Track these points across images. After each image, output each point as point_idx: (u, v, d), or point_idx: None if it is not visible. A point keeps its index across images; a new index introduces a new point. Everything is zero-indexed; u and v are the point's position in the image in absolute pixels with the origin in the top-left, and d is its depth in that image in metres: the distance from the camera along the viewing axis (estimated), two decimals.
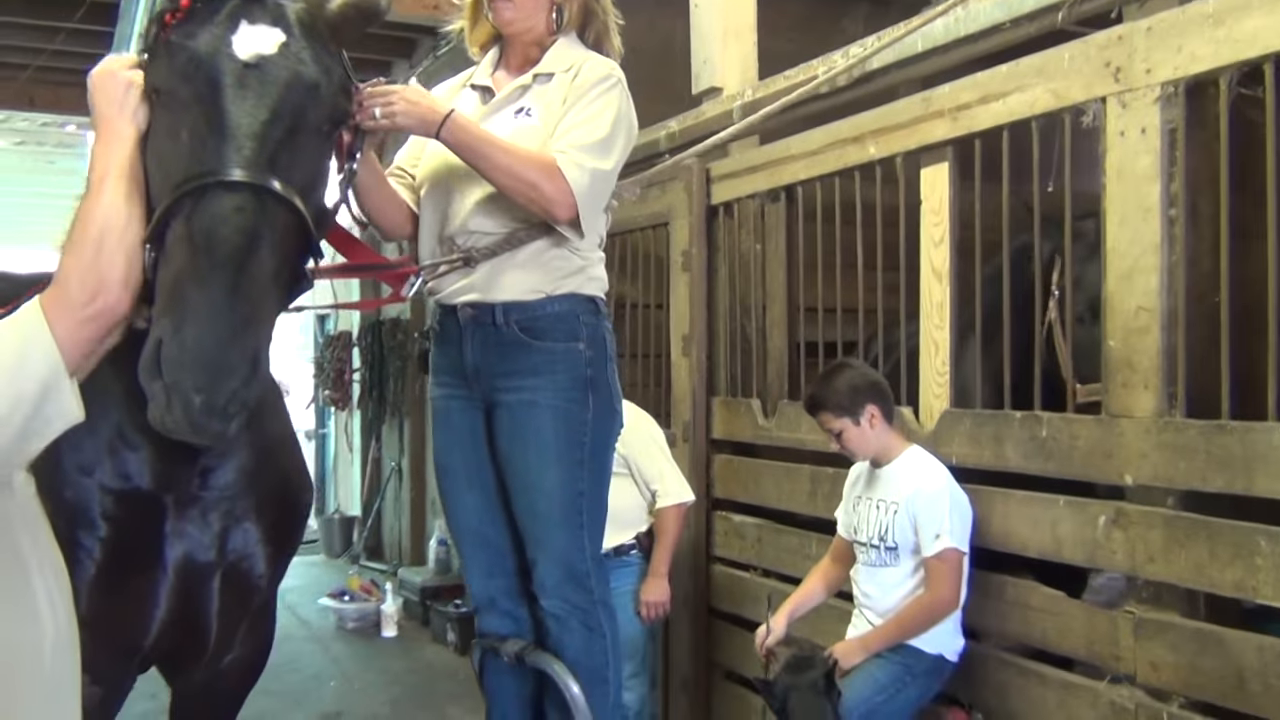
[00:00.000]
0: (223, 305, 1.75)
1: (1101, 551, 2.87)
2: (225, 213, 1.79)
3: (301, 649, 7.07)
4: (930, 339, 3.49)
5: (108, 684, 2.34)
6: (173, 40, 1.92)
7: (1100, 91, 2.85)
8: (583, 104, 2.46)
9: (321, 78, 1.99)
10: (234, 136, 1.85)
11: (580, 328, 2.52)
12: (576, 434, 2.49)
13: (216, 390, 1.74)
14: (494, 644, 2.59)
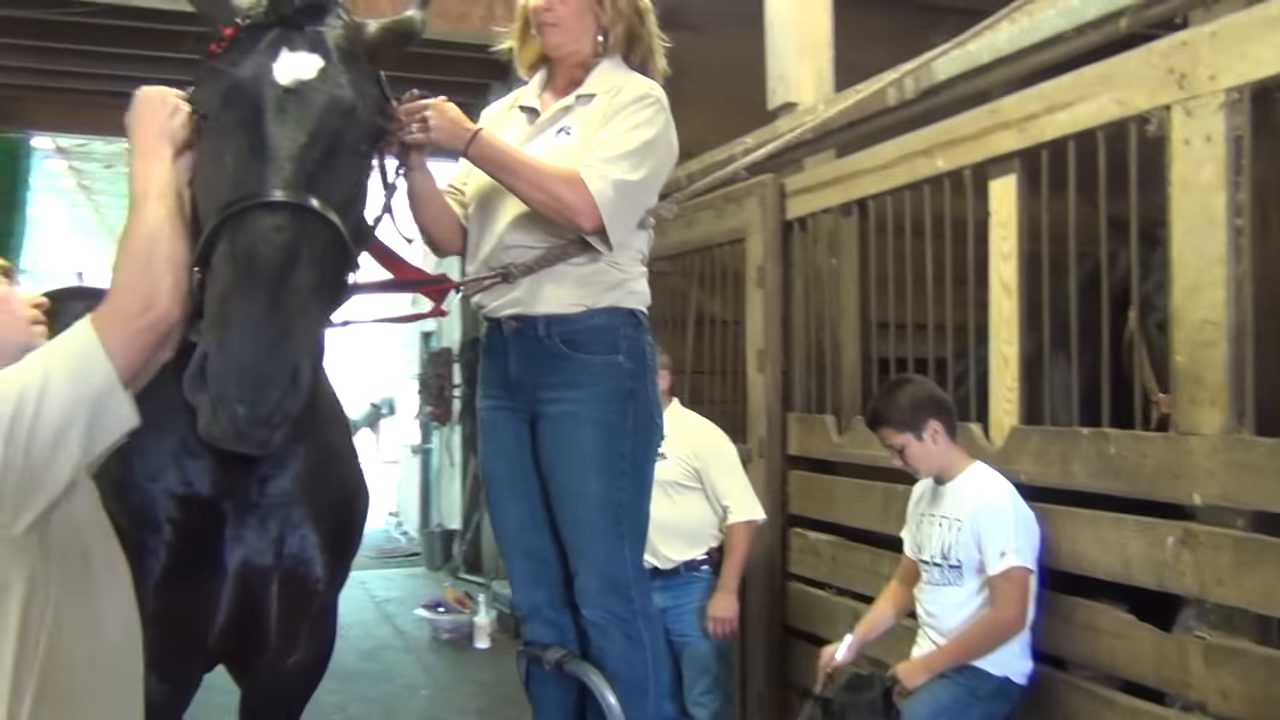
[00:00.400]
0: (263, 320, 1.82)
1: (1170, 573, 2.77)
2: (265, 232, 1.88)
3: (397, 658, 7.24)
4: (999, 354, 3.43)
5: (174, 681, 2.45)
6: (217, 68, 2.02)
7: (1164, 99, 2.78)
8: (617, 120, 2.49)
9: (358, 100, 2.08)
10: (274, 159, 1.94)
11: (620, 340, 2.54)
12: (616, 445, 2.51)
13: (259, 401, 1.82)
14: (536, 652, 2.63)
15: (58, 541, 1.83)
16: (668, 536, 4.07)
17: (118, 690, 1.97)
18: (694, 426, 4.25)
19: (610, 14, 2.58)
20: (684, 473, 4.11)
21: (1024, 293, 3.34)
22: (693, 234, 5.22)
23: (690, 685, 4.10)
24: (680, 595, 4.10)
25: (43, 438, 1.72)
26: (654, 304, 5.52)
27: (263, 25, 2.03)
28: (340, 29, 2.11)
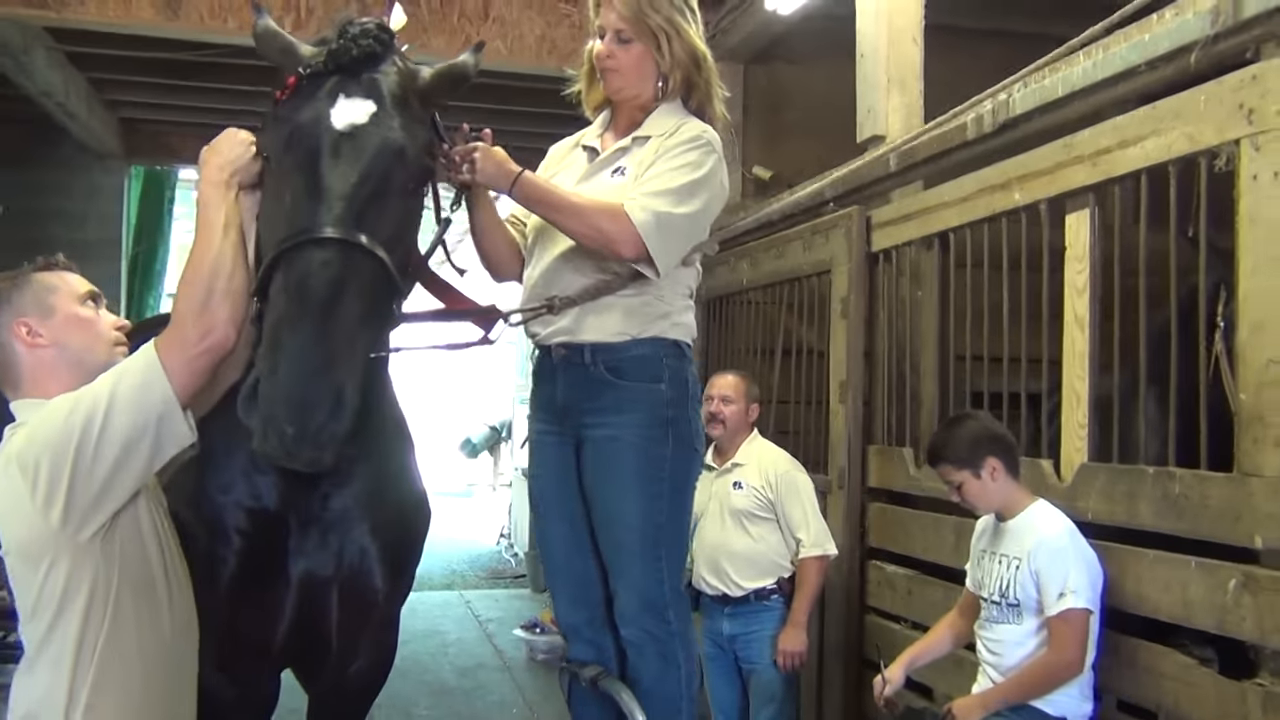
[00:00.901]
0: (310, 347, 1.98)
1: (1231, 617, 2.70)
2: (314, 266, 2.04)
3: (492, 676, 7.41)
4: (1071, 390, 3.38)
5: (242, 683, 2.64)
6: (280, 114, 2.20)
7: (1233, 134, 2.73)
8: (666, 159, 2.58)
9: (408, 142, 2.23)
10: (327, 198, 2.10)
11: (663, 370, 2.62)
12: (656, 469, 2.59)
13: (305, 423, 1.96)
14: (576, 669, 2.72)
15: (121, 548, 2.01)
16: (740, 565, 4.19)
17: (173, 682, 2.13)
18: (771, 458, 4.32)
19: (669, 61, 2.67)
20: (758, 503, 4.20)
21: (1096, 327, 3.29)
22: (782, 265, 5.27)
23: (756, 712, 4.17)
24: (751, 623, 4.18)
25: (107, 451, 1.90)
26: (746, 334, 5.64)
27: (323, 73, 2.21)
28: (394, 75, 2.27)
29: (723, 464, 4.36)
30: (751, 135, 6.90)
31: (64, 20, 6.01)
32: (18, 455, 1.91)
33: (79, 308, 2.14)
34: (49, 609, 1.93)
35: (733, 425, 4.36)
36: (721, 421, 4.35)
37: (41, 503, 1.88)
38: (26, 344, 2.06)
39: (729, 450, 4.38)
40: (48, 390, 2.01)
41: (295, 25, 6.15)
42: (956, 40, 5.47)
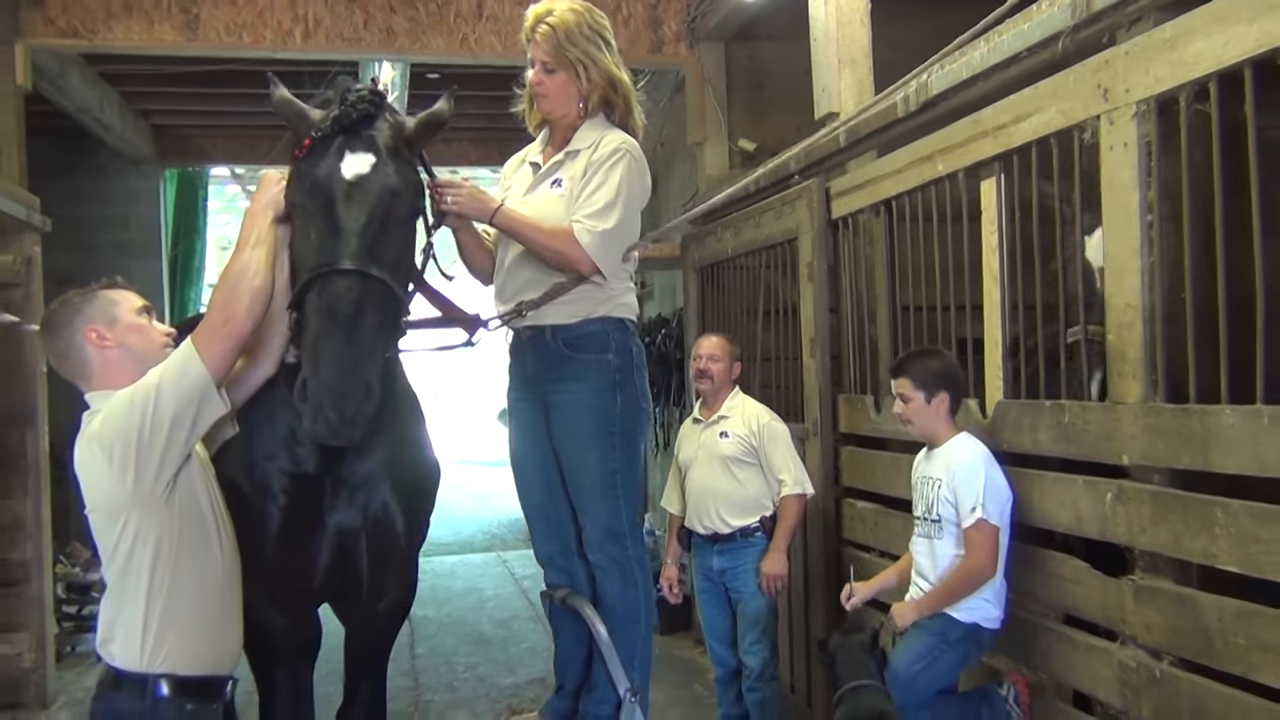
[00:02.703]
0: (343, 353, 2.57)
1: (1109, 525, 3.17)
2: (340, 291, 2.62)
3: (525, 626, 8.01)
4: (990, 337, 3.83)
5: (291, 615, 3.24)
6: (301, 168, 2.75)
7: (1095, 110, 3.16)
8: (595, 177, 3.11)
9: (402, 185, 2.80)
10: (344, 235, 2.68)
11: (610, 343, 3.15)
12: (608, 425, 3.11)
13: (343, 408, 2.55)
14: (551, 593, 3.27)
15: (180, 504, 2.55)
16: (727, 505, 4.73)
17: (224, 607, 2.69)
18: (754, 410, 4.85)
19: (586, 85, 3.17)
20: (743, 450, 4.74)
21: (1006, 282, 3.74)
22: (760, 233, 5.74)
23: (743, 635, 4.71)
24: (737, 558, 4.72)
25: (161, 425, 2.45)
26: (736, 297, 6.09)
27: (331, 134, 2.75)
28: (387, 129, 2.83)
29: (710, 416, 4.89)
30: (736, 110, 7.35)
31: (94, 46, 6.59)
32: (97, 435, 2.46)
33: (136, 317, 2.67)
34: (125, 553, 2.48)
35: (718, 381, 4.89)
36: (709, 377, 4.89)
37: (117, 471, 2.42)
38: (96, 346, 2.59)
39: (715, 404, 4.91)
40: (114, 383, 2.55)
41: (304, 35, 6.70)
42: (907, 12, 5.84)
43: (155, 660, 2.48)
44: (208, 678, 2.58)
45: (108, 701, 2.51)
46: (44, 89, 7.18)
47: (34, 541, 6.18)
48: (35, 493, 6.16)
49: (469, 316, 3.21)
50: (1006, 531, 3.50)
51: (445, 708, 6.18)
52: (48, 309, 2.70)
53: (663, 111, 8.40)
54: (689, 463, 4.91)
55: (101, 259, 9.54)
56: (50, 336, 2.62)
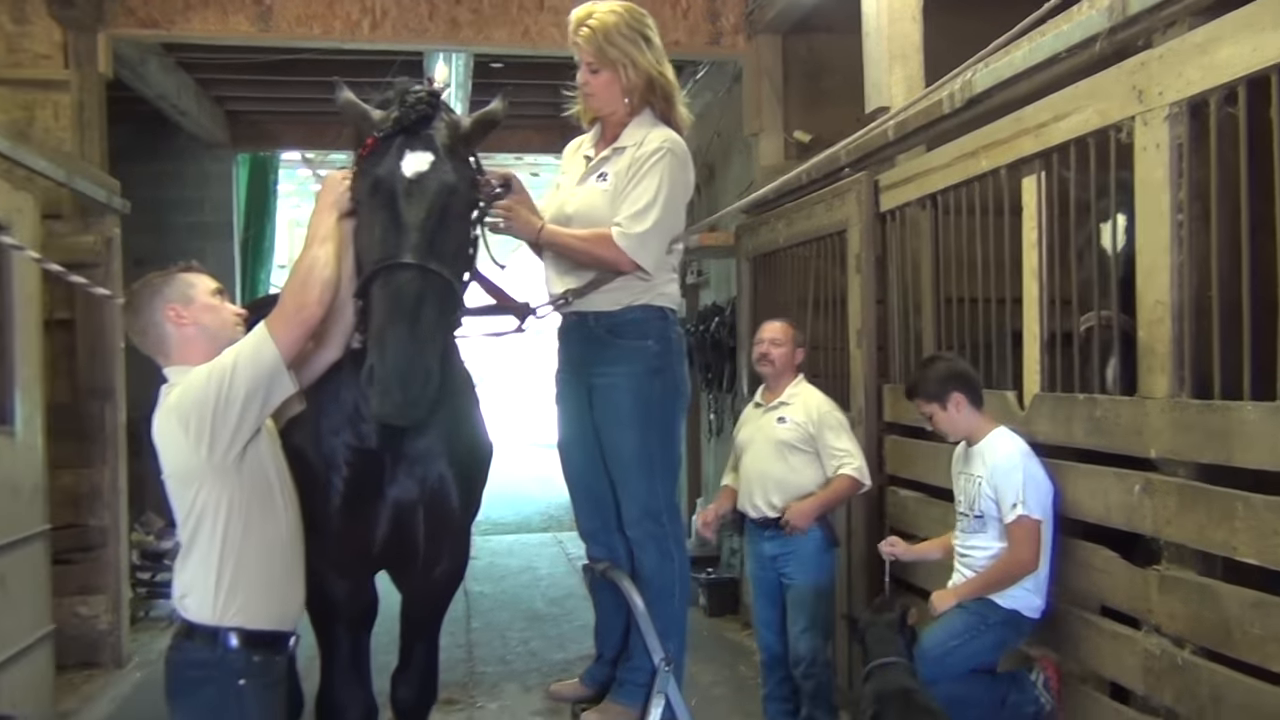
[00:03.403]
0: (408, 341, 2.74)
1: (1136, 515, 3.25)
2: (402, 284, 2.79)
3: (578, 605, 8.19)
4: (1029, 331, 3.92)
5: (351, 579, 3.45)
6: (364, 168, 2.93)
7: (1130, 111, 3.24)
8: (637, 177, 3.25)
9: (459, 181, 2.95)
10: (405, 231, 2.84)
11: (650, 330, 3.30)
12: (645, 408, 3.26)
13: (407, 392, 2.72)
14: (592, 565, 3.44)
15: (248, 472, 2.75)
16: (779, 490, 4.72)
17: (288, 571, 2.88)
18: (815, 399, 4.83)
19: (628, 85, 3.30)
20: (799, 437, 4.72)
21: (1045, 276, 3.81)
22: (810, 225, 5.84)
23: (793, 621, 4.71)
24: (788, 544, 4.70)
25: (235, 401, 2.64)
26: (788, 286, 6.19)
27: (392, 134, 2.92)
28: (444, 129, 2.98)
29: (770, 401, 4.89)
30: (792, 101, 7.42)
31: (173, 36, 6.87)
32: (175, 407, 2.67)
33: (210, 298, 2.87)
34: (198, 516, 2.69)
35: (780, 366, 4.87)
36: (771, 362, 4.87)
37: (192, 440, 2.63)
38: (174, 324, 2.79)
39: (777, 389, 4.89)
40: (189, 359, 2.75)
41: (372, 26, 6.91)
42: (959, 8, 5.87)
43: (226, 614, 2.68)
44: (273, 632, 2.79)
45: (183, 651, 2.73)
46: (125, 76, 7.48)
47: (111, 509, 6.49)
48: (113, 462, 6.48)
49: (519, 304, 3.38)
50: (1049, 523, 3.59)
51: (498, 679, 6.39)
52: (130, 289, 2.90)
53: (720, 102, 8.50)
54: (745, 445, 4.92)
55: (177, 240, 9.92)
56: (132, 314, 2.83)
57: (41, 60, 6.47)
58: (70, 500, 6.19)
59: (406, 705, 3.74)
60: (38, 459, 5.31)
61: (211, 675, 2.67)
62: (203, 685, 2.68)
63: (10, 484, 4.95)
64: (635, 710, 3.28)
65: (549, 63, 8.10)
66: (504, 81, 8.56)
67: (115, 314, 6.41)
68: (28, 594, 5.14)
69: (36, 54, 6.47)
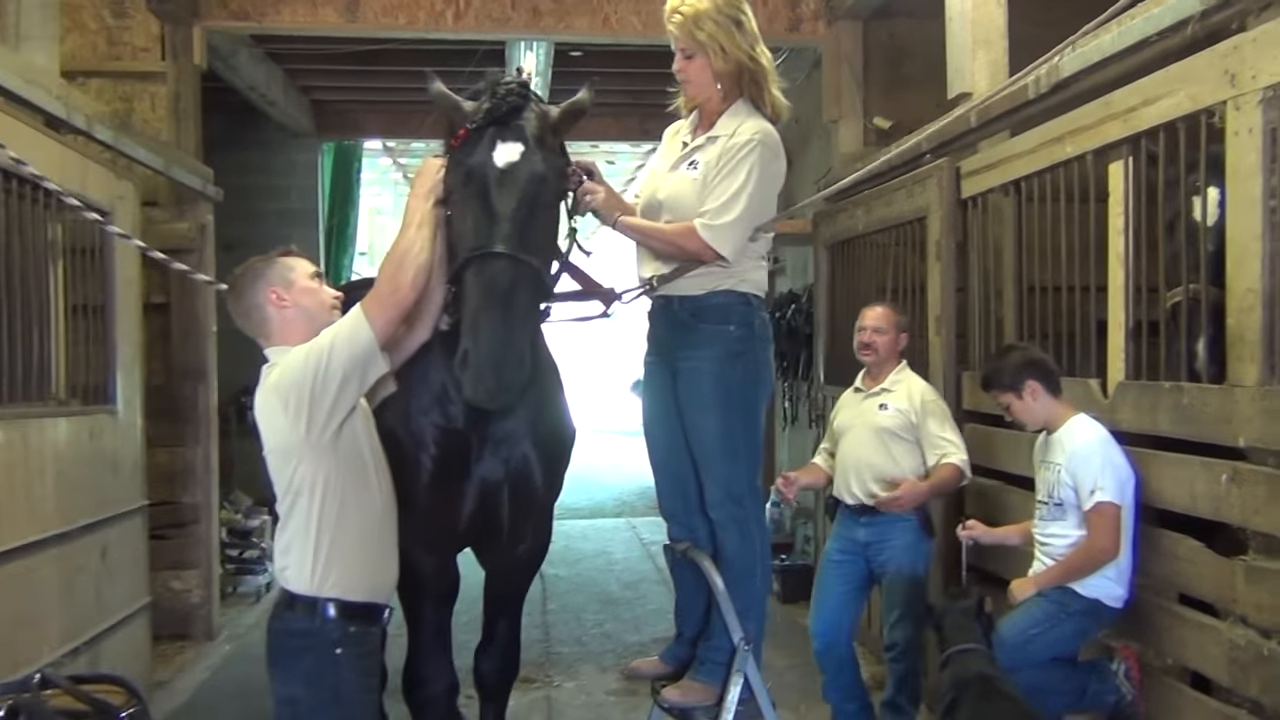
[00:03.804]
0: (500, 328, 2.84)
1: (1223, 505, 3.22)
2: (495, 272, 2.89)
3: (652, 589, 8.29)
4: (1114, 319, 3.88)
5: (438, 555, 3.58)
6: (457, 158, 3.02)
7: (1222, 96, 3.19)
8: (726, 169, 3.27)
9: (549, 171, 3.04)
10: (497, 220, 2.93)
11: (732, 315, 3.33)
12: (726, 392, 3.30)
13: (500, 377, 2.82)
14: (674, 545, 3.49)
15: (344, 448, 2.85)
16: (877, 478, 4.60)
17: (382, 545, 2.99)
18: (918, 387, 4.72)
19: (718, 68, 3.32)
20: (901, 425, 4.61)
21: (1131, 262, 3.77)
22: (890, 212, 5.82)
23: (887, 611, 4.63)
24: (885, 533, 4.59)
25: (332, 381, 2.75)
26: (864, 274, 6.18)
27: (483, 125, 3.01)
28: (534, 119, 3.07)
29: (871, 387, 4.78)
30: (873, 87, 7.38)
31: (264, 28, 7.06)
32: (275, 386, 2.78)
33: (309, 281, 2.98)
34: (296, 490, 2.80)
35: (884, 353, 4.75)
36: (875, 350, 4.75)
37: (291, 418, 2.74)
38: (275, 306, 2.90)
39: (879, 376, 4.78)
40: (289, 339, 2.86)
41: (456, 17, 7.02)
42: None
43: (324, 585, 2.79)
44: (368, 604, 2.89)
45: (284, 620, 2.85)
46: (217, 67, 7.70)
47: (203, 487, 6.73)
48: (205, 441, 6.71)
49: (605, 290, 3.44)
50: (1130, 511, 3.56)
51: (573, 660, 6.49)
52: (233, 273, 3.01)
53: (799, 88, 8.47)
54: (844, 430, 4.82)
55: (265, 227, 10.18)
56: (235, 298, 2.94)
57: (140, 53, 6.71)
58: (165, 478, 6.43)
59: (490, 680, 3.85)
60: (137, 437, 5.52)
61: (310, 644, 2.79)
62: (303, 654, 2.79)
63: (112, 461, 5.15)
64: (715, 688, 3.34)
65: (628, 51, 8.18)
66: (583, 70, 8.69)
67: (209, 298, 6.65)
68: (127, 566, 5.36)
69: (135, 47, 6.71)
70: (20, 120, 4.24)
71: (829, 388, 7.02)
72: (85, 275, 4.99)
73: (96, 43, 6.72)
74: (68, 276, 4.78)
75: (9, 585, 4.06)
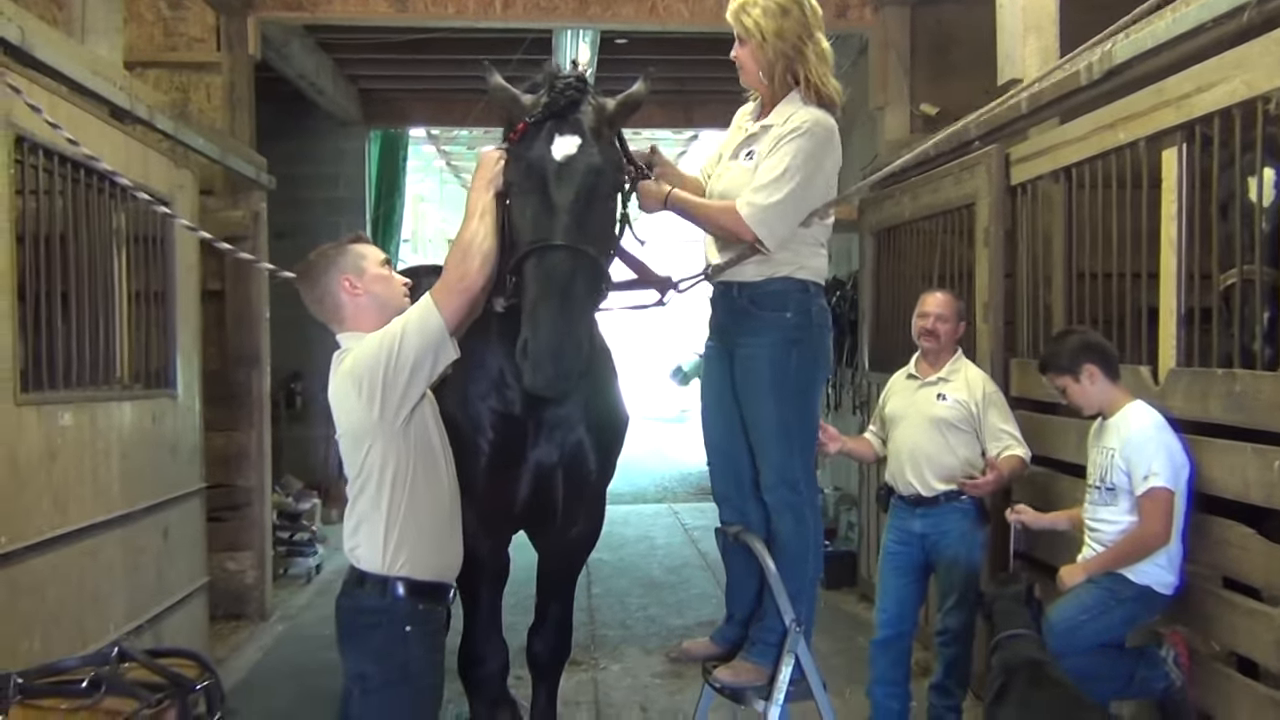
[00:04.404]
0: (559, 318, 2.89)
1: (1276, 492, 3.22)
2: (554, 264, 2.95)
3: (695, 574, 8.36)
4: (1165, 305, 3.87)
5: (493, 537, 3.67)
6: (516, 151, 3.08)
7: (1278, 82, 3.18)
8: (773, 153, 3.28)
9: (605, 163, 3.09)
10: (556, 213, 2.99)
11: (789, 302, 3.35)
12: (782, 378, 3.33)
13: (559, 366, 2.87)
14: (725, 529, 3.55)
15: (414, 433, 2.93)
16: (933, 468, 4.58)
17: (448, 527, 3.07)
18: (977, 377, 4.69)
19: (764, 55, 3.33)
20: (960, 416, 4.58)
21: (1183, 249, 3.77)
22: (937, 198, 5.82)
23: (942, 599, 4.63)
24: (941, 523, 4.57)
25: (404, 366, 2.82)
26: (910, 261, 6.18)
27: (542, 120, 3.07)
28: (591, 112, 3.13)
29: (927, 375, 4.73)
30: (919, 74, 7.37)
31: (316, 19, 7.16)
32: (349, 371, 2.85)
33: (380, 269, 3.04)
34: (368, 472, 2.88)
35: (945, 341, 4.70)
36: (936, 337, 4.69)
37: (365, 402, 2.81)
38: (348, 293, 2.96)
39: (937, 364, 4.73)
40: (362, 326, 2.94)
41: (504, 5, 7.10)
42: None
43: (394, 565, 2.87)
44: (436, 583, 2.97)
45: (354, 598, 2.93)
46: (269, 57, 7.81)
47: (257, 470, 6.87)
48: (259, 425, 6.85)
49: (661, 278, 3.49)
50: (1184, 498, 3.56)
51: (618, 642, 6.58)
52: (306, 260, 3.08)
53: (845, 75, 8.44)
54: (897, 418, 4.78)
55: (313, 215, 10.33)
56: (309, 285, 3.01)
57: (195, 44, 6.85)
58: (220, 461, 6.57)
59: (542, 659, 3.94)
60: (195, 421, 5.66)
61: (381, 621, 2.87)
62: (373, 630, 2.87)
63: (172, 444, 5.29)
64: (766, 668, 3.39)
65: (673, 38, 8.21)
66: (628, 58, 8.72)
67: (262, 285, 6.78)
68: (187, 547, 5.50)
69: (191, 38, 6.84)
70: (87, 111, 4.36)
71: (874, 374, 7.03)
72: (147, 262, 5.11)
73: (153, 34, 6.86)
74: (130, 264, 4.91)
75: (77, 563, 4.19)
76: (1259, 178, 3.35)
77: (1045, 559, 4.43)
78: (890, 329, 6.87)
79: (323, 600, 7.54)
